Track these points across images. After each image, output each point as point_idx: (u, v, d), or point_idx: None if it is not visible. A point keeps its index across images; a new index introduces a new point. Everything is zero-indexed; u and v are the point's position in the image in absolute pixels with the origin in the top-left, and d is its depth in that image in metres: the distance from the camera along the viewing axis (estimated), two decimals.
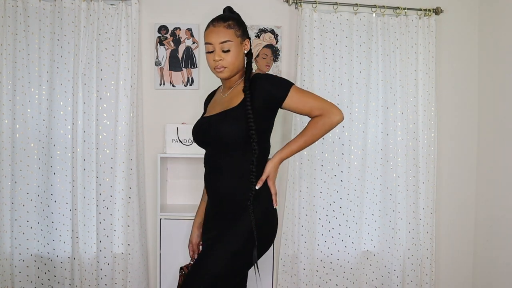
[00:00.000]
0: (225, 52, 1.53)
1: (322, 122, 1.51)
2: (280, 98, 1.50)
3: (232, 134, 1.49)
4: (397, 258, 2.50)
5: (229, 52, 1.53)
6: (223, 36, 1.53)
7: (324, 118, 1.51)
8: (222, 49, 1.53)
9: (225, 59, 1.53)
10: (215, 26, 1.54)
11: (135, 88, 2.36)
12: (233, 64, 1.54)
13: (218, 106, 1.62)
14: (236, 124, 1.48)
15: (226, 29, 1.54)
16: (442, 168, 2.65)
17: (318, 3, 2.45)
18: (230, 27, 1.55)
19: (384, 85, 2.50)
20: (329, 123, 1.52)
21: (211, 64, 1.56)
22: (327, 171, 2.47)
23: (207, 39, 1.55)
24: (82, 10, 2.30)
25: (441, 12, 2.57)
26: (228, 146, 1.51)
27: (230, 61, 1.54)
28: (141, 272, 2.37)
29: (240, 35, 1.57)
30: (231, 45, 1.53)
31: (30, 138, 2.32)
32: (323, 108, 1.52)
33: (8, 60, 2.29)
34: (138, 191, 2.36)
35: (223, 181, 1.54)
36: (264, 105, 1.50)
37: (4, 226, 2.30)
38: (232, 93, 1.59)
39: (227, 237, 1.49)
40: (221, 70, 1.54)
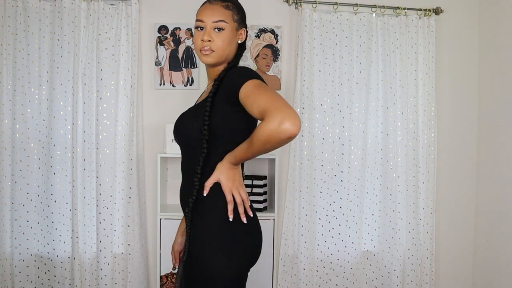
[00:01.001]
0: (217, 33, 1.32)
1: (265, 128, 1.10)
2: (236, 88, 1.21)
3: (191, 133, 1.29)
4: (397, 258, 2.50)
5: (221, 34, 1.32)
6: (219, 15, 1.32)
7: (268, 124, 1.09)
8: (215, 27, 1.32)
9: (215, 41, 1.32)
10: (211, 3, 1.34)
11: (135, 88, 2.36)
12: (222, 49, 1.33)
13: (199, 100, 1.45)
14: (196, 121, 1.28)
15: (224, 8, 1.33)
16: (442, 168, 2.65)
17: (318, 3, 2.45)
18: (229, 8, 1.34)
19: (384, 85, 2.50)
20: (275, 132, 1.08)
21: (198, 45, 1.34)
22: (327, 171, 2.46)
23: (200, 16, 1.34)
24: (82, 10, 2.30)
25: (441, 12, 2.57)
26: (189, 146, 1.32)
27: (220, 45, 1.32)
28: (141, 272, 2.37)
29: (237, 20, 1.36)
30: (225, 27, 1.32)
31: (30, 138, 2.32)
32: (273, 111, 1.10)
33: (8, 60, 2.28)
34: (138, 191, 2.36)
35: (186, 184, 1.34)
36: (227, 98, 1.25)
37: (4, 226, 2.30)
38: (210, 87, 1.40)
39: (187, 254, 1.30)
40: (208, 53, 1.32)
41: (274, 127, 1.08)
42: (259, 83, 1.20)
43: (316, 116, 2.45)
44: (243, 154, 1.21)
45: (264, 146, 1.14)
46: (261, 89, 1.18)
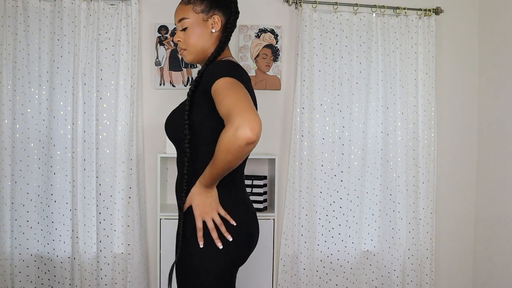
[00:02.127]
0: (183, 32, 1.32)
1: (223, 136, 1.07)
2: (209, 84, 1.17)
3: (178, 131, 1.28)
4: (397, 258, 2.50)
5: (187, 31, 1.31)
6: (179, 14, 1.33)
7: (225, 131, 1.06)
8: (181, 28, 1.33)
9: (184, 39, 1.33)
10: (179, 4, 1.35)
11: (135, 88, 2.36)
12: (193, 45, 1.31)
13: None
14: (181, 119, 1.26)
15: (184, 5, 1.32)
16: (442, 168, 2.65)
17: (318, 3, 2.45)
18: (189, 3, 1.32)
19: (384, 85, 2.50)
20: (231, 140, 1.04)
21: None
22: (327, 171, 2.47)
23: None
24: (82, 10, 2.30)
25: (441, 12, 2.57)
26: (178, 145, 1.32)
27: (189, 42, 1.31)
28: (141, 272, 2.37)
29: (201, 10, 1.31)
30: (188, 23, 1.31)
31: (30, 138, 2.32)
32: (227, 118, 1.08)
33: (8, 60, 2.28)
34: (138, 191, 2.36)
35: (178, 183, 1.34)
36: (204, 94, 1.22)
37: (4, 226, 2.30)
38: None
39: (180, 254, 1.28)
40: (182, 52, 1.34)
41: (231, 133, 1.04)
42: (231, 82, 1.14)
43: (316, 116, 2.45)
44: (210, 171, 1.16)
45: (226, 157, 1.08)
46: (230, 89, 1.12)
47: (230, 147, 1.06)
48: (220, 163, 1.11)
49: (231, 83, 1.14)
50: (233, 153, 1.07)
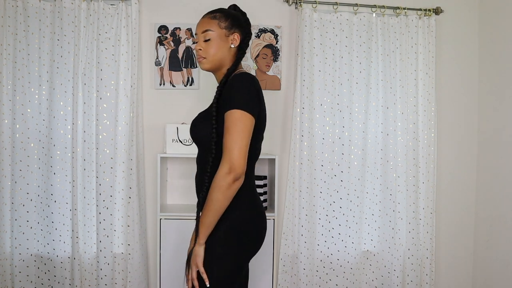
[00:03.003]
0: (206, 42, 1.49)
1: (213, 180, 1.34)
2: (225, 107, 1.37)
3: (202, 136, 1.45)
4: (397, 258, 2.50)
5: (209, 42, 1.48)
6: (205, 25, 1.50)
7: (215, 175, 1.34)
8: (204, 39, 1.49)
9: (205, 49, 1.49)
10: (202, 18, 1.53)
11: (135, 88, 2.36)
12: (213, 55, 1.48)
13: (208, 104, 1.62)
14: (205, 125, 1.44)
15: (210, 19, 1.51)
16: (442, 168, 2.65)
17: (318, 3, 2.45)
18: (215, 18, 1.51)
19: (384, 85, 2.50)
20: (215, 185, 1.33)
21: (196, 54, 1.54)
22: (327, 171, 2.46)
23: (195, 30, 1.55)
24: (82, 10, 2.30)
25: (441, 12, 2.57)
26: (202, 147, 1.48)
27: (210, 52, 1.48)
28: (141, 272, 2.37)
29: (225, 26, 1.50)
30: (212, 35, 1.48)
31: (30, 138, 2.32)
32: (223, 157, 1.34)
33: (8, 60, 2.28)
34: (138, 191, 2.36)
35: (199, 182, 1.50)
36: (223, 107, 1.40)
37: (4, 226, 2.30)
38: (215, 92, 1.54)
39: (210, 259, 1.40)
40: (200, 60, 1.50)
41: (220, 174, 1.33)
42: (238, 117, 1.34)
43: (316, 116, 2.45)
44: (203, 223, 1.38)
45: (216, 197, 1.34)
46: (234, 127, 1.34)
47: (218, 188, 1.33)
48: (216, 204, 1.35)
49: (239, 119, 1.35)
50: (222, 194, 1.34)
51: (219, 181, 1.33)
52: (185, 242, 2.24)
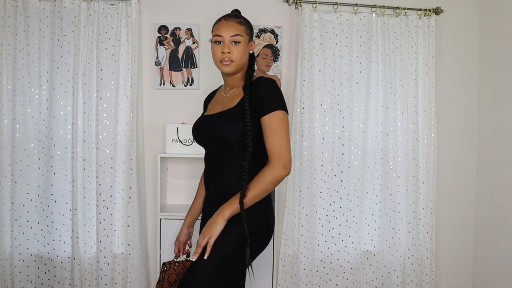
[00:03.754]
0: (234, 46, 1.55)
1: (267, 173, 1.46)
2: (263, 110, 1.47)
3: (230, 134, 1.49)
4: (397, 258, 2.50)
5: (238, 46, 1.55)
6: (235, 29, 1.55)
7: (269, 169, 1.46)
8: (233, 42, 1.55)
9: (233, 52, 1.55)
10: (227, 20, 1.57)
11: (135, 88, 2.36)
12: (240, 59, 1.56)
13: (219, 105, 1.63)
14: (234, 124, 1.49)
15: (238, 24, 1.57)
16: (442, 168, 2.65)
17: (318, 3, 2.45)
18: (242, 24, 1.58)
19: (384, 85, 2.50)
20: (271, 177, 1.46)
21: (218, 56, 1.56)
22: (327, 171, 2.46)
23: (218, 32, 1.56)
24: (82, 10, 2.30)
25: (441, 12, 2.57)
26: (226, 146, 1.52)
27: (238, 56, 1.55)
28: (141, 272, 2.37)
29: (249, 33, 1.60)
30: (240, 40, 1.55)
31: (30, 138, 2.32)
32: (275, 154, 1.46)
33: (8, 60, 2.28)
34: (138, 191, 2.36)
35: (221, 180, 1.55)
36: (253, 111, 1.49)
37: (4, 226, 2.30)
38: (233, 93, 1.61)
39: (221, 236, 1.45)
40: (228, 63, 1.55)
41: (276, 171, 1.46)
42: (282, 118, 1.47)
43: (316, 116, 2.45)
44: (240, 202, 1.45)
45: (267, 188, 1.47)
46: (281, 127, 1.47)
47: (273, 180, 1.46)
48: (262, 193, 1.47)
49: (282, 118, 1.48)
50: (273, 185, 1.48)
51: (275, 175, 1.45)
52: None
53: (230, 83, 1.63)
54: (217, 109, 1.61)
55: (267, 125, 1.47)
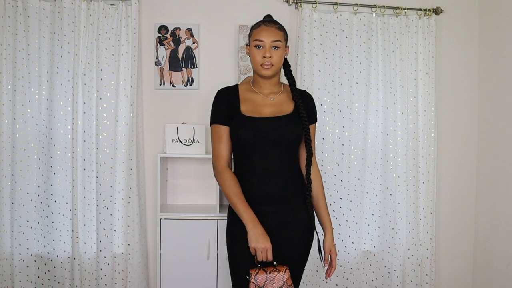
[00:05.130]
0: (274, 50, 1.62)
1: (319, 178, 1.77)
2: (310, 120, 1.70)
3: (298, 135, 1.63)
4: (397, 258, 2.50)
5: (278, 51, 1.62)
6: (276, 35, 1.62)
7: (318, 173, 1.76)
8: (273, 47, 1.62)
9: (274, 57, 1.61)
10: (267, 26, 1.64)
11: (135, 88, 2.36)
12: (279, 63, 1.64)
13: (267, 108, 1.65)
14: (299, 128, 1.63)
15: (278, 30, 1.64)
16: (442, 168, 2.65)
17: (318, 3, 2.45)
18: (281, 30, 1.66)
19: (384, 85, 2.50)
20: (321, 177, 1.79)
21: (259, 61, 1.62)
22: (327, 171, 2.46)
23: (259, 37, 1.62)
24: (82, 10, 2.30)
25: (441, 12, 2.57)
26: (290, 147, 1.63)
27: (277, 60, 1.63)
28: (141, 272, 2.37)
29: (285, 39, 1.68)
30: (280, 45, 1.63)
31: (30, 138, 2.32)
32: (315, 155, 1.76)
33: (8, 60, 2.28)
34: (138, 191, 2.36)
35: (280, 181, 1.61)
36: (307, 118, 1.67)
37: (4, 226, 2.30)
38: (280, 99, 1.69)
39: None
40: (269, 67, 1.61)
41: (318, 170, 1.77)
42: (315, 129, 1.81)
43: None
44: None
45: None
46: (314, 135, 1.76)
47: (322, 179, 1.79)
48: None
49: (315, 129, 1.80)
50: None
51: (321, 176, 1.77)
52: (185, 242, 2.24)
53: (268, 86, 1.69)
54: (266, 112, 1.64)
55: (311, 131, 1.71)
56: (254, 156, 1.60)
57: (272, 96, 1.69)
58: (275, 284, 1.49)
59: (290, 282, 1.51)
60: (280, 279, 1.49)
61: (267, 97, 1.68)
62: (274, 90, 1.70)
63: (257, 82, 1.70)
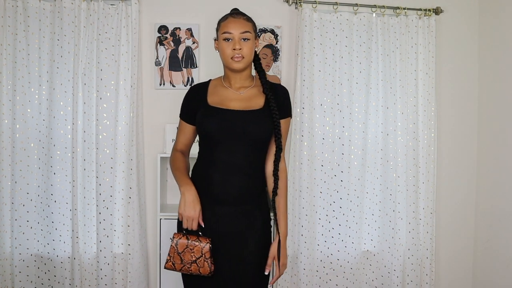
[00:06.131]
0: (244, 42, 1.57)
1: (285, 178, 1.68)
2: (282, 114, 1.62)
3: (265, 133, 1.58)
4: (397, 258, 2.50)
5: (248, 42, 1.57)
6: (244, 26, 1.58)
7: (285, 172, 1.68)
8: (242, 39, 1.57)
9: (244, 49, 1.56)
10: (235, 18, 1.59)
11: (135, 88, 2.36)
12: (249, 55, 1.59)
13: (235, 102, 1.60)
14: (268, 123, 1.58)
15: (246, 21, 1.60)
16: (442, 168, 2.65)
17: (318, 3, 2.45)
18: (249, 21, 1.62)
19: (384, 85, 2.50)
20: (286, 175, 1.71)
21: (229, 53, 1.57)
22: (327, 171, 2.46)
23: (227, 29, 1.57)
24: (82, 10, 2.30)
25: (441, 12, 2.57)
26: (258, 144, 1.60)
27: (248, 52, 1.58)
28: (141, 272, 2.37)
29: (255, 30, 1.64)
30: (250, 36, 1.58)
31: (30, 138, 2.32)
32: (284, 152, 1.65)
33: (8, 60, 2.28)
34: (138, 191, 2.36)
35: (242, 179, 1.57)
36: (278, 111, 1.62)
37: (4, 226, 2.30)
38: (250, 93, 1.64)
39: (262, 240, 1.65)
40: (239, 59, 1.56)
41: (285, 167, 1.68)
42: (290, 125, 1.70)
43: (316, 116, 2.45)
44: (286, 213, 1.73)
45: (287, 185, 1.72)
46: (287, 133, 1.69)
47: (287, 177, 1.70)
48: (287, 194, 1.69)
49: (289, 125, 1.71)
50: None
51: (287, 174, 1.68)
52: None
53: (238, 80, 1.64)
54: (234, 106, 1.59)
55: (284, 126, 1.64)
56: (219, 150, 1.56)
57: (242, 90, 1.64)
58: (194, 254, 1.50)
59: (208, 255, 1.50)
60: (199, 250, 1.50)
61: (237, 92, 1.64)
62: (244, 84, 1.64)
63: (227, 76, 1.66)
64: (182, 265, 1.51)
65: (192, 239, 1.52)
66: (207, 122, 1.57)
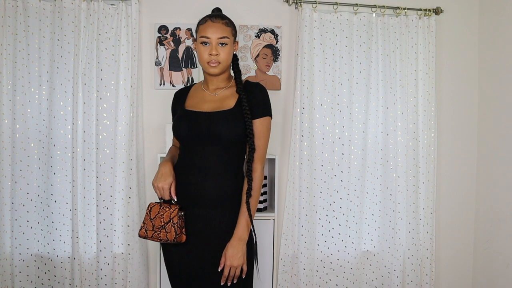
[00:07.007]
0: (221, 47, 1.57)
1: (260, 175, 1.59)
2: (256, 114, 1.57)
3: (237, 134, 1.54)
4: (397, 258, 2.50)
5: (225, 48, 1.57)
6: (223, 31, 1.57)
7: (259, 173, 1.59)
8: (219, 44, 1.57)
9: (221, 54, 1.56)
10: (213, 22, 1.58)
11: (135, 88, 2.36)
12: (226, 60, 1.58)
13: (208, 104, 1.62)
14: (236, 124, 1.54)
15: (225, 26, 1.59)
16: (442, 168, 2.65)
17: (318, 3, 2.45)
18: (228, 25, 1.60)
19: (384, 85, 2.50)
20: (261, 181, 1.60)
21: (205, 58, 1.57)
22: (327, 171, 2.46)
23: (205, 33, 1.57)
24: (82, 10, 2.30)
25: (441, 12, 2.57)
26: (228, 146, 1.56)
27: (224, 58, 1.57)
28: (141, 272, 2.37)
29: (234, 34, 1.63)
30: (228, 42, 1.58)
31: (30, 138, 2.32)
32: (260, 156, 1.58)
33: (8, 60, 2.28)
34: (138, 191, 2.36)
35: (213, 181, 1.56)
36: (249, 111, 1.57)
37: (4, 226, 2.30)
38: (223, 94, 1.63)
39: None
40: (215, 65, 1.57)
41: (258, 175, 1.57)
42: (269, 124, 1.60)
43: (316, 116, 2.45)
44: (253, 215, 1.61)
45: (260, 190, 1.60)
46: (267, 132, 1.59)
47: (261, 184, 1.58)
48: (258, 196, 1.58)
49: (269, 125, 1.61)
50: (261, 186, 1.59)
51: (261, 177, 1.57)
52: None
53: (215, 82, 1.65)
54: (207, 108, 1.60)
55: (259, 127, 1.57)
56: (192, 153, 1.57)
57: (217, 92, 1.64)
58: (163, 219, 1.56)
59: (176, 220, 1.54)
60: (168, 215, 1.56)
61: (212, 93, 1.64)
62: (220, 86, 1.65)
63: (205, 79, 1.67)
64: (153, 231, 1.57)
65: (164, 206, 1.60)
66: (177, 126, 1.60)
